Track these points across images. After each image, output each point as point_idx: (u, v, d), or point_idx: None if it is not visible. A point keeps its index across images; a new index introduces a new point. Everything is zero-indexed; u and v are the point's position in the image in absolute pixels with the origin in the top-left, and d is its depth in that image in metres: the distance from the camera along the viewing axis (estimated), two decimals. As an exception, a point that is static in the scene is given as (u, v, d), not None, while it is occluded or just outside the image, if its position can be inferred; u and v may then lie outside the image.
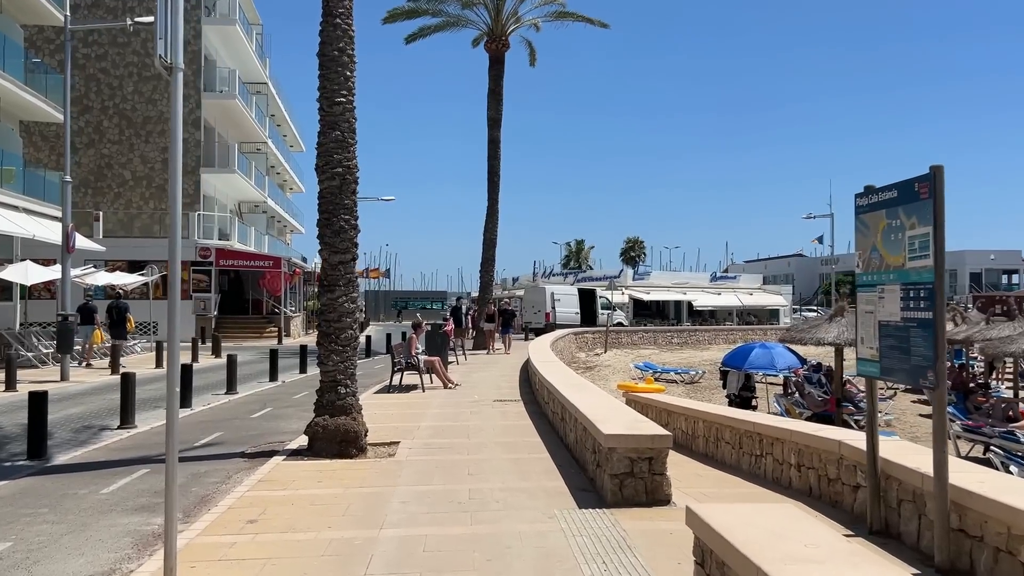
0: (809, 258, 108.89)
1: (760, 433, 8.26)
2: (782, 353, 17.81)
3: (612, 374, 27.37)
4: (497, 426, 10.86)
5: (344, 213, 9.17)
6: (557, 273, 59.94)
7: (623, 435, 6.48)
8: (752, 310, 57.93)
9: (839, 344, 14.21)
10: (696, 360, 35.14)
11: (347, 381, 9.19)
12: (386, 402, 13.83)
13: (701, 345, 42.15)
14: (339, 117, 9.19)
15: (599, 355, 33.89)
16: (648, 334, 40.98)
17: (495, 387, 15.97)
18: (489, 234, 30.03)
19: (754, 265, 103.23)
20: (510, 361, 22.56)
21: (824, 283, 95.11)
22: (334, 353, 9.13)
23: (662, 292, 52.74)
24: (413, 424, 11.11)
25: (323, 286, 9.22)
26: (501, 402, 13.46)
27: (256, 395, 15.99)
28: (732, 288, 57.30)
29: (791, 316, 61.62)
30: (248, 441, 10.23)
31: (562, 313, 38.85)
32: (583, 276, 54.58)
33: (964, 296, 74.01)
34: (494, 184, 30.36)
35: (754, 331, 46.95)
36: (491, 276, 30.36)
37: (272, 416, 12.75)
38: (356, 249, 9.37)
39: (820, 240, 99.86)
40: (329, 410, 9.04)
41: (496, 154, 30.50)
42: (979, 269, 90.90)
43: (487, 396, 14.36)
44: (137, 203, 36.35)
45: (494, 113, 30.37)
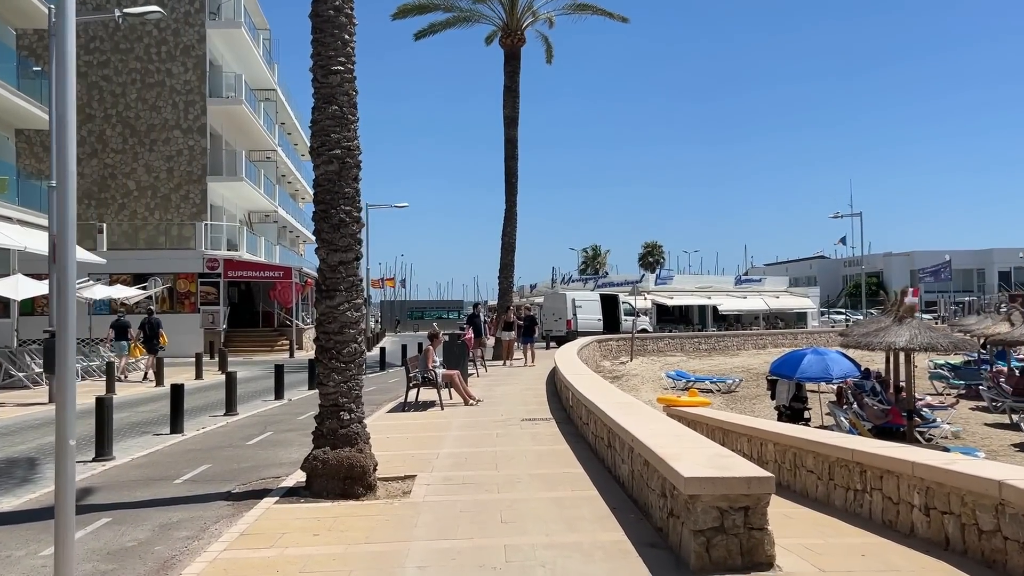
0: (831, 259, 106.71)
1: (862, 464, 6.64)
2: (836, 359, 16.14)
3: (641, 384, 25.74)
4: (529, 453, 9.29)
5: (344, 204, 7.66)
6: (576, 279, 58.36)
7: (709, 479, 4.90)
8: (779, 314, 56.05)
9: (912, 349, 12.58)
10: (727, 367, 33.44)
11: (351, 405, 7.67)
12: (401, 423, 12.31)
13: (730, 351, 40.39)
14: (336, 89, 7.69)
15: (625, 364, 32.27)
16: (674, 340, 39.26)
17: (521, 403, 14.42)
18: (507, 238, 28.56)
19: (775, 268, 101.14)
20: (534, 373, 21.00)
21: (848, 285, 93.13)
22: (335, 371, 7.61)
23: (686, 296, 50.99)
24: (431, 450, 9.57)
25: (321, 291, 7.71)
26: (530, 421, 11.89)
27: (258, 416, 14.51)
28: (758, 291, 55.44)
29: (819, 319, 59.71)
30: (238, 475, 8.72)
31: (584, 320, 37.23)
32: (604, 281, 52.92)
33: (994, 295, 71.87)
34: (512, 186, 28.93)
35: (784, 335, 45.14)
36: (510, 282, 28.86)
37: (271, 443, 11.25)
38: (360, 247, 7.86)
39: (843, 241, 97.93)
40: (330, 440, 7.53)
41: (513, 154, 29.08)
42: (1008, 267, 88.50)
43: (513, 414, 12.80)
44: (142, 214, 35.12)
45: (510, 111, 28.95)
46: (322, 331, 7.71)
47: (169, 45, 35.12)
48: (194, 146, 35.31)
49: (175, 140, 35.22)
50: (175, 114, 35.23)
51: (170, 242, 35.34)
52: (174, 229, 35.42)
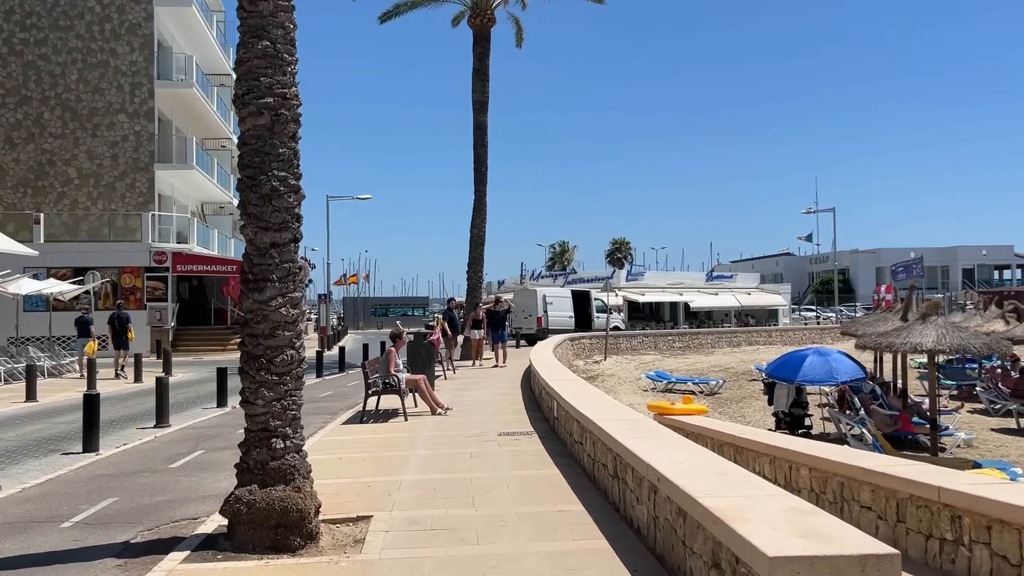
0: (798, 256, 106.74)
1: (956, 508, 5.08)
2: (840, 359, 14.72)
3: (618, 385, 24.21)
4: (512, 480, 7.62)
5: (278, 168, 5.92)
6: (545, 275, 56.76)
7: (806, 558, 3.26)
8: (750, 311, 55.06)
9: (942, 351, 11.16)
10: (704, 366, 32.08)
11: (286, 429, 5.93)
12: (357, 438, 10.56)
13: (704, 349, 39.10)
14: (268, 20, 5.94)
15: (599, 363, 30.76)
16: (648, 338, 37.84)
17: (496, 411, 12.74)
18: (477, 230, 26.83)
19: (741, 265, 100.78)
20: (506, 374, 19.33)
21: (815, 282, 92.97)
22: (265, 386, 5.86)
23: (657, 293, 49.68)
24: (393, 477, 7.87)
25: (247, 282, 5.96)
26: (509, 436, 10.21)
27: (192, 429, 12.65)
28: (729, 288, 54.35)
29: (790, 316, 58.88)
30: (147, 515, 6.93)
31: (555, 317, 35.67)
32: (575, 278, 51.37)
33: (958, 292, 71.83)
34: (481, 174, 27.20)
35: (758, 333, 44.04)
36: (480, 277, 27.14)
37: (199, 466, 9.44)
38: (299, 225, 6.12)
39: (808, 238, 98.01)
40: (259, 476, 5.79)
41: (483, 141, 27.34)
42: (971, 265, 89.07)
43: (489, 426, 11.12)
44: (84, 203, 32.72)
45: (480, 95, 27.21)
46: (248, 333, 5.96)
47: (113, 23, 32.76)
48: (141, 132, 33.01)
49: (120, 125, 32.88)
50: (120, 97, 32.88)
51: (114, 234, 33.00)
52: (119, 220, 33.10)
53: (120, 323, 22.78)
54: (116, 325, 22.73)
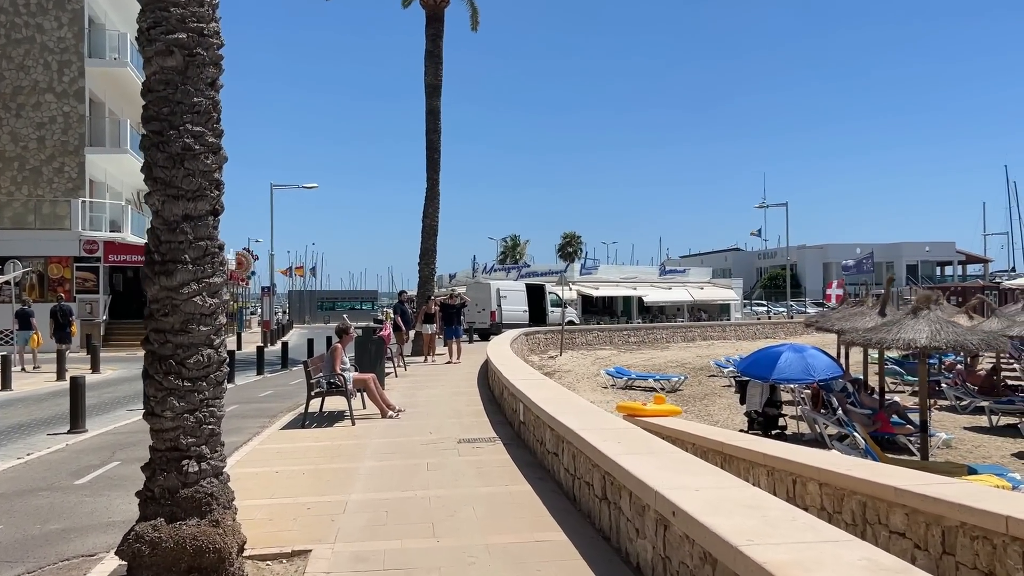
0: (746, 252, 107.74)
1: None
2: (816, 355, 13.97)
3: (576, 382, 23.28)
4: (479, 500, 6.53)
5: (193, 121, 4.74)
6: (498, 268, 55.71)
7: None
8: (702, 305, 54.82)
9: (937, 347, 10.41)
10: (661, 361, 31.42)
11: (202, 448, 4.75)
12: (297, 446, 9.36)
13: (659, 344, 38.51)
14: (180, -65, 4.73)
15: (554, 358, 29.82)
16: (603, 333, 37.08)
17: (453, 414, 11.63)
18: (429, 219, 25.63)
19: (691, 260, 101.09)
20: (461, 372, 18.22)
21: (763, 277, 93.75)
22: (175, 394, 4.67)
23: (611, 287, 49.01)
24: (337, 496, 6.73)
25: (153, 264, 4.77)
26: (470, 443, 9.12)
27: (111, 435, 11.25)
28: (682, 282, 54.02)
29: (742, 311, 58.90)
30: (33, 550, 5.69)
31: (509, 311, 34.64)
32: (528, 271, 50.43)
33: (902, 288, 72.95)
34: (434, 161, 25.99)
35: (712, 328, 43.68)
36: (432, 269, 25.93)
37: (110, 482, 8.14)
38: (219, 195, 4.94)
39: (758, 233, 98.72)
40: (167, 507, 4.61)
41: (436, 127, 26.14)
42: (915, 261, 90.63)
43: (446, 431, 10.01)
44: (7, 188, 30.53)
45: (433, 79, 25.99)
46: (155, 328, 4.77)
47: (40, -5, 30.62)
48: (70, 113, 30.92)
49: (47, 105, 30.75)
50: (47, 76, 30.74)
51: (41, 221, 30.86)
52: (46, 207, 30.97)
53: (63, 316, 22.41)
54: (59, 318, 22.33)
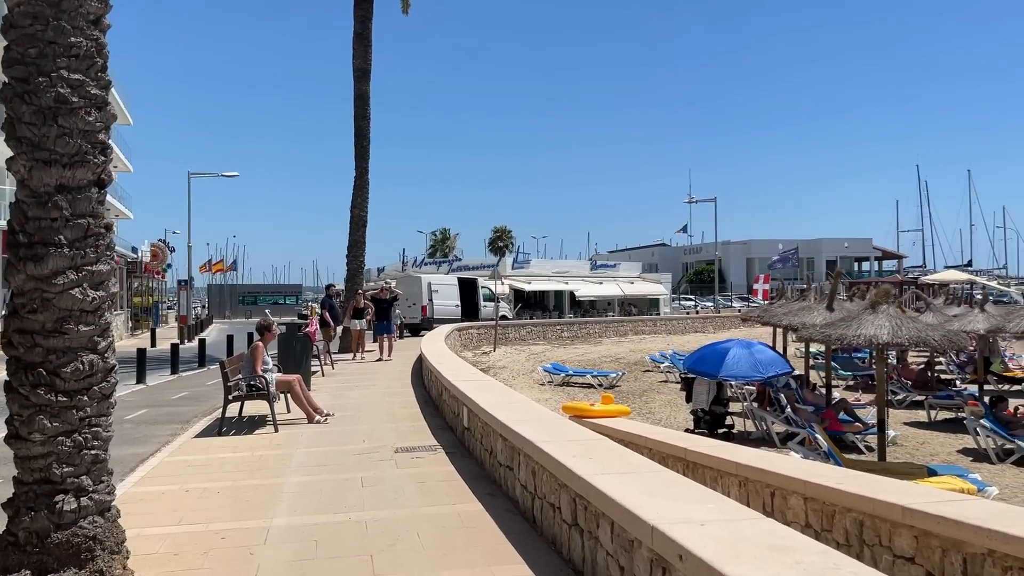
0: (672, 247, 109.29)
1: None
2: (763, 351, 13.59)
3: (512, 378, 22.56)
4: (424, 523, 5.68)
5: (68, 67, 3.74)
6: (428, 262, 54.58)
7: None
8: (632, 300, 54.88)
9: (900, 344, 10.01)
10: (595, 356, 31.01)
11: (82, 479, 3.78)
12: (212, 458, 8.31)
13: (592, 339, 38.14)
14: None
15: (488, 354, 29.03)
16: (537, 328, 36.48)
17: (388, 417, 10.71)
18: (358, 210, 24.50)
19: (618, 255, 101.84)
20: (393, 370, 17.26)
21: (688, 272, 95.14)
22: (46, 412, 3.69)
23: (543, 281, 48.53)
24: (257, 521, 5.79)
25: (17, 247, 3.76)
26: (408, 452, 8.24)
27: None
28: (613, 277, 53.97)
29: (670, 305, 59.27)
30: None
31: (440, 306, 33.69)
32: (459, 265, 49.50)
33: (822, 283, 74.86)
34: (363, 148, 24.85)
35: (643, 322, 43.64)
36: (361, 262, 24.82)
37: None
38: (107, 161, 3.95)
39: (684, 229, 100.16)
40: (36, 556, 3.64)
41: (365, 113, 24.98)
42: (835, 257, 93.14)
43: (381, 438, 9.11)
44: None
45: (362, 62, 24.82)
46: (19, 329, 3.77)
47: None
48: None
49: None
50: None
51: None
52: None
53: None
54: None
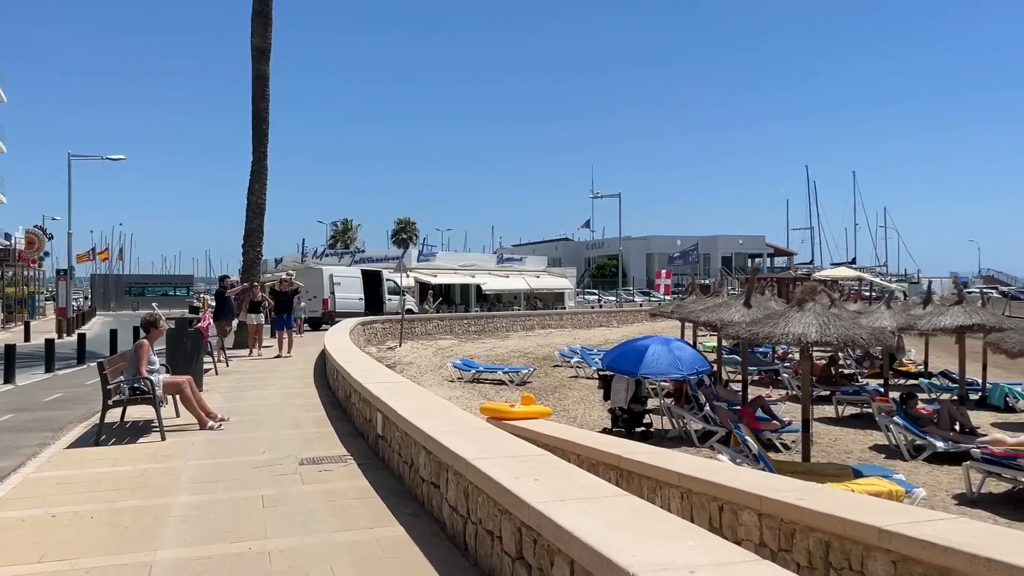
0: (575, 242, 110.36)
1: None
2: (682, 348, 13.33)
3: (421, 375, 21.77)
4: (339, 554, 4.92)
5: None
6: (329, 253, 52.90)
7: None
8: (538, 294, 54.78)
9: (828, 343, 9.81)
10: (503, 351, 30.52)
11: None
12: (87, 474, 7.25)
13: (500, 333, 37.68)
14: None
15: (393, 349, 28.12)
16: (444, 322, 35.73)
17: (291, 423, 9.80)
18: (255, 197, 23.11)
19: (523, 249, 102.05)
20: (294, 368, 16.21)
21: (591, 267, 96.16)
22: None
23: (450, 275, 47.76)
24: (137, 555, 4.92)
25: None
26: (315, 465, 7.41)
27: None
28: (519, 271, 53.71)
29: (575, 300, 59.52)
30: None
31: (343, 299, 32.52)
32: (363, 257, 48.09)
33: (718, 279, 76.99)
34: (261, 132, 23.47)
35: (550, 316, 43.52)
36: (259, 252, 23.45)
37: None
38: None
39: (587, 225, 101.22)
40: None
41: (264, 94, 23.60)
42: (730, 253, 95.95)
43: (284, 447, 8.23)
44: None
45: (261, 41, 23.42)
46: None
47: None
48: None
49: None
50: None
51: None
52: None
53: None
54: None
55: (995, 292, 71.93)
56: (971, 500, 9.71)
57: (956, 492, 10.15)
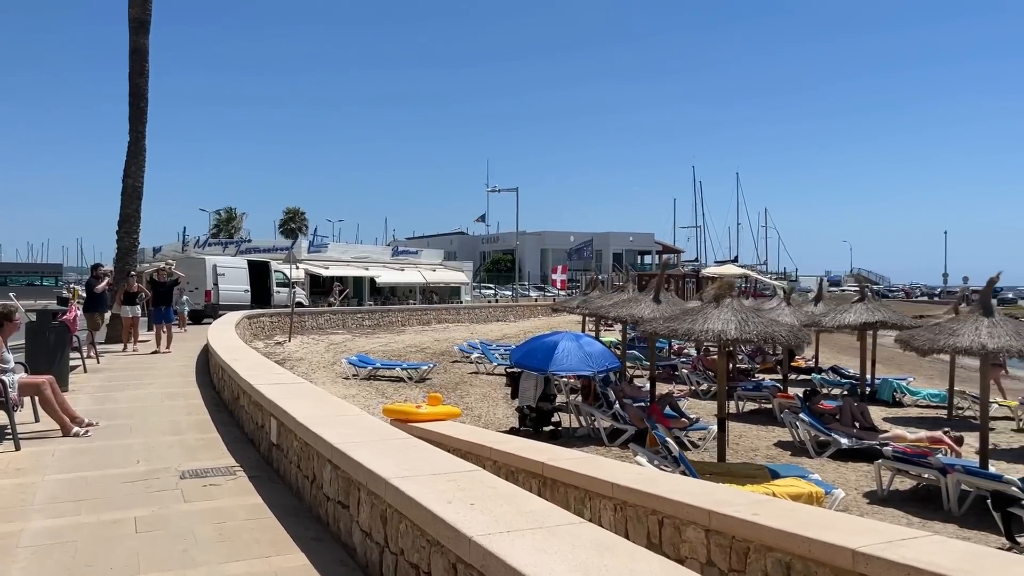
0: (470, 236, 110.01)
1: None
2: (592, 343, 12.95)
3: (313, 372, 20.67)
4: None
5: None
6: (212, 243, 50.29)
7: None
8: (434, 288, 53.93)
9: (749, 340, 9.56)
10: (400, 346, 29.60)
11: None
12: (-83, 495, 6.11)
13: (395, 328, 36.66)
14: None
15: (282, 344, 26.78)
16: (336, 316, 34.41)
17: (171, 428, 8.76)
18: (132, 180, 21.36)
19: (417, 242, 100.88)
20: (174, 365, 14.93)
21: (486, 261, 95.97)
22: None
23: (342, 267, 46.23)
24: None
25: None
26: (199, 478, 6.51)
27: None
28: (415, 264, 52.70)
29: (471, 294, 59.00)
30: None
31: (228, 291, 30.82)
32: (249, 247, 45.91)
33: (609, 275, 78.22)
34: (140, 111, 21.72)
35: (447, 311, 42.77)
36: (135, 239, 21.71)
37: None
38: None
39: (483, 219, 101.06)
40: None
41: (142, 69, 21.83)
42: (621, 250, 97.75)
43: (162, 456, 7.25)
44: None
45: (140, 12, 21.66)
46: None
47: None
48: None
49: None
50: None
51: None
52: None
53: None
54: None
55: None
56: (881, 498, 9.70)
57: (865, 490, 10.15)
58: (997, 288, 48.44)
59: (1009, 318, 10.12)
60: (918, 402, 18.44)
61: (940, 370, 23.61)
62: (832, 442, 12.01)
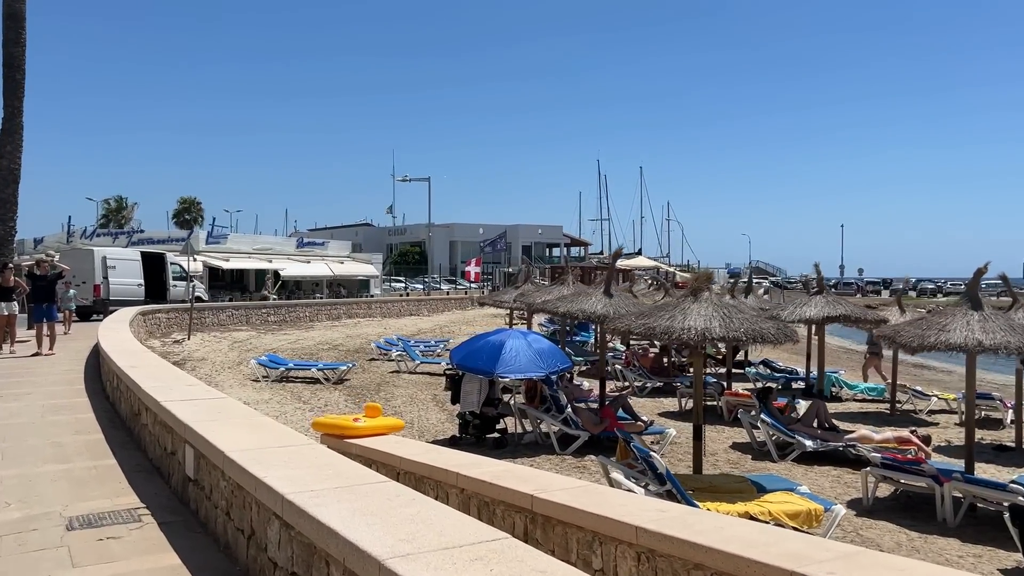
0: (377, 228, 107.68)
1: None
2: (540, 340, 11.86)
3: (217, 373, 18.81)
4: None
5: None
6: (101, 233, 46.71)
7: None
8: (342, 280, 51.84)
9: (737, 338, 8.58)
10: (310, 343, 27.80)
11: None
12: None
13: (303, 323, 34.69)
14: None
15: (181, 342, 24.60)
16: (239, 311, 32.21)
17: (54, 455, 7.13)
18: (8, 161, 19.12)
19: (320, 233, 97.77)
20: (58, 370, 13.02)
21: (393, 254, 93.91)
22: None
23: (244, 259, 43.68)
24: None
25: None
26: (93, 529, 5.01)
27: None
28: (322, 256, 50.46)
29: (381, 287, 57.14)
30: None
31: (119, 285, 28.39)
32: (141, 238, 42.79)
33: (520, 267, 77.69)
34: (15, 83, 19.45)
35: (358, 304, 40.96)
36: (12, 228, 19.40)
37: None
38: None
39: (391, 210, 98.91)
40: None
41: (18, 38, 19.58)
42: (530, 242, 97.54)
43: (41, 495, 5.71)
44: None
45: (14, -29, 19.32)
46: None
47: None
48: None
49: None
50: None
51: None
52: None
53: None
54: None
55: (766, 281, 78.00)
56: (868, 508, 8.97)
57: (845, 498, 9.41)
58: (917, 280, 49.69)
59: (998, 312, 9.57)
60: (855, 396, 18.19)
61: (859, 362, 23.70)
62: (796, 444, 11.29)
